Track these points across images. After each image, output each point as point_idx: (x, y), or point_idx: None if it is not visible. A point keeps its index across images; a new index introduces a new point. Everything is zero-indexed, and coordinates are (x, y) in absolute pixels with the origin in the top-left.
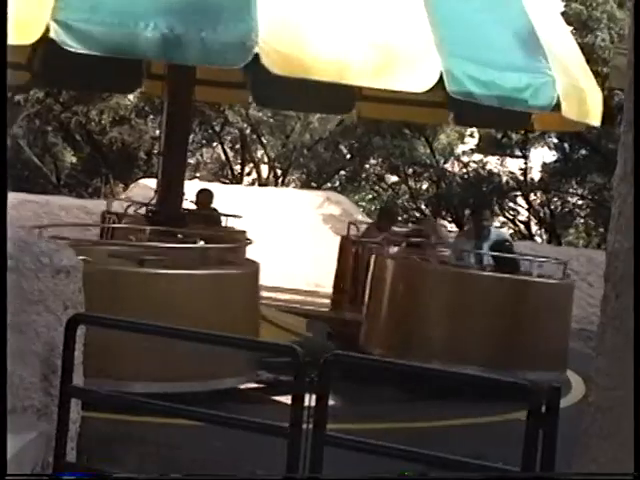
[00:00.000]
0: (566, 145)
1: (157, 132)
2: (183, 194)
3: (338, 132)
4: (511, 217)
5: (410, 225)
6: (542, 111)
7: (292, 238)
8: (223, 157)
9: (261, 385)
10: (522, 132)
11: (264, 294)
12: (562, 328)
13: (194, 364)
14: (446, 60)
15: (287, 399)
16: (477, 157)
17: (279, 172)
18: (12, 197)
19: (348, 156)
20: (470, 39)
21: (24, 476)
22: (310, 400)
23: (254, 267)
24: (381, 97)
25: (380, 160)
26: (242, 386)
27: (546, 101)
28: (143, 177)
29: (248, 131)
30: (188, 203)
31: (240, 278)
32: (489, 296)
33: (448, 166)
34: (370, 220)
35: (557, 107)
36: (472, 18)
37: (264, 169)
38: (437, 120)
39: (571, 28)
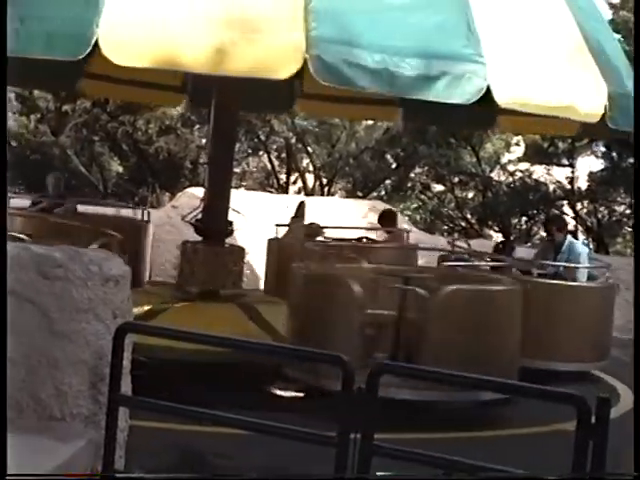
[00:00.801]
0: (614, 154)
1: (203, 141)
2: (229, 203)
3: (384, 141)
4: None
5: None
6: (465, 102)
7: None
8: (269, 166)
9: (307, 393)
10: (569, 141)
11: None
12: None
13: None
14: (316, 45)
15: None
16: (523, 166)
17: (325, 181)
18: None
19: (394, 165)
20: (371, 24)
21: (24, 476)
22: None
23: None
24: (324, 95)
25: (426, 169)
26: (288, 394)
27: (468, 92)
28: (189, 186)
29: (294, 140)
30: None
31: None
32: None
33: (494, 175)
34: (415, 229)
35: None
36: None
37: (310, 178)
38: (387, 118)
39: (619, 36)
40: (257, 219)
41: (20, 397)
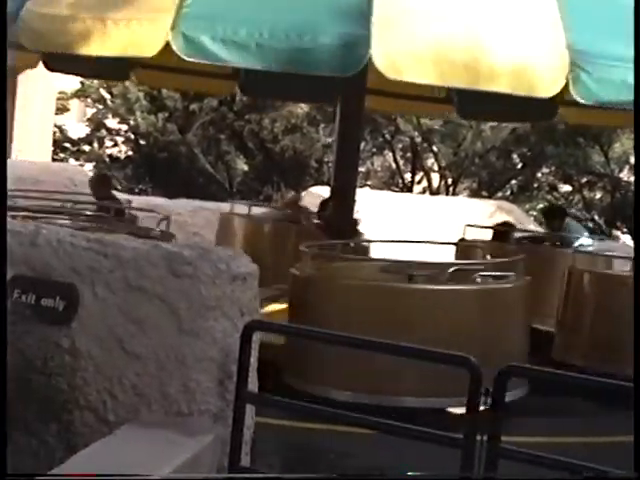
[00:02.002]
0: None
1: (328, 140)
2: (354, 202)
3: (510, 140)
4: None
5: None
6: (343, 74)
7: None
8: (394, 165)
9: None
10: None
11: None
12: None
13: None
14: (182, 22)
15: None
16: None
17: (450, 181)
18: (186, 204)
19: (520, 165)
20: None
21: (24, 476)
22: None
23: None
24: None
25: (553, 169)
26: None
27: (348, 63)
28: (314, 185)
29: (419, 139)
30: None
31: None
32: None
33: (623, 175)
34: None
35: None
36: None
37: (435, 178)
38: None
39: None
40: (381, 218)
41: (149, 392)
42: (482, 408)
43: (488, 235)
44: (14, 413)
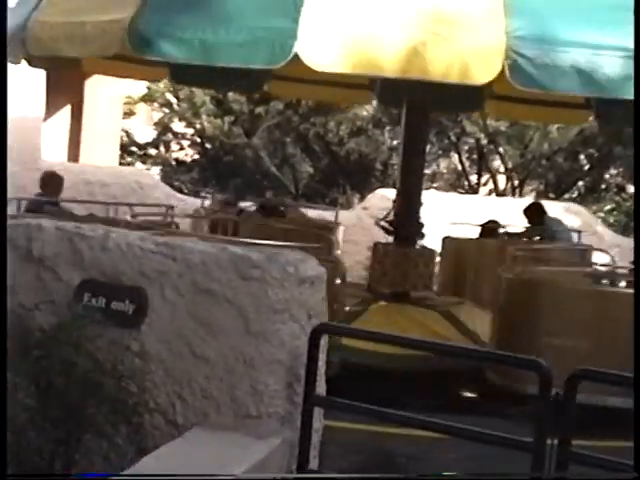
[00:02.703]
0: None
1: (394, 142)
2: (420, 204)
3: (578, 142)
4: None
5: None
6: (268, 65)
7: None
8: (459, 167)
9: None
10: None
11: None
12: None
13: None
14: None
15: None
16: None
17: (516, 182)
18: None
19: (587, 166)
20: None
21: (24, 476)
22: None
23: None
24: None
25: (621, 170)
26: (484, 398)
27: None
28: (380, 187)
29: (485, 141)
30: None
31: None
32: None
33: None
34: (611, 232)
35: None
36: None
37: (501, 179)
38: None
39: None
40: (447, 220)
41: (218, 395)
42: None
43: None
44: (84, 416)
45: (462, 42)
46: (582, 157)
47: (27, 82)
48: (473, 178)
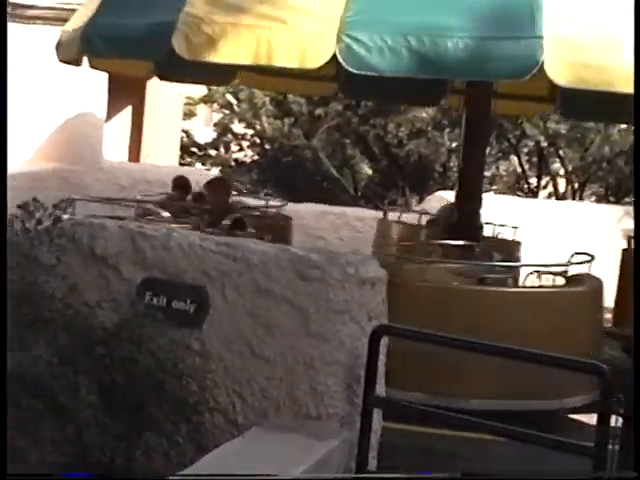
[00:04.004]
0: None
1: (453, 144)
2: (480, 206)
3: None
4: None
5: None
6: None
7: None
8: (519, 170)
9: None
10: None
11: None
12: None
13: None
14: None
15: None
16: None
17: (576, 185)
18: (312, 208)
19: None
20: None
21: (24, 476)
22: (616, 420)
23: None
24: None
25: None
26: None
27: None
28: (439, 189)
29: (545, 144)
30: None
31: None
32: None
33: None
34: None
35: None
36: None
37: (561, 182)
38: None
39: None
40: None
41: (277, 395)
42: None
43: None
44: (146, 413)
45: (300, 28)
46: None
47: (89, 83)
48: (533, 181)
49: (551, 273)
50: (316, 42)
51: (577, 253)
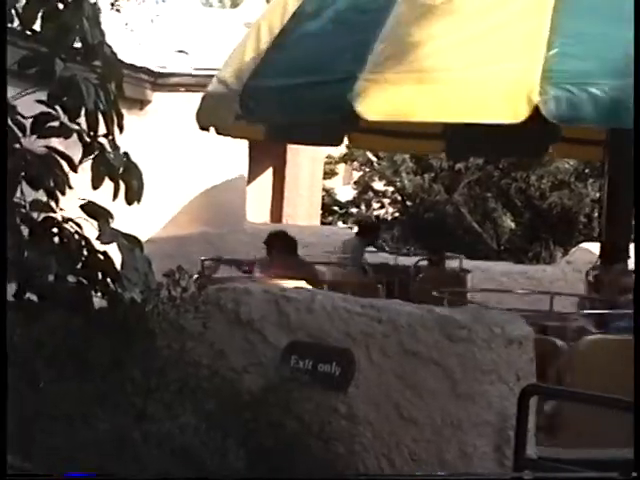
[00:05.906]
0: None
1: (597, 195)
2: (628, 257)
3: None
4: None
5: None
6: None
7: None
8: None
9: None
10: None
11: None
12: None
13: None
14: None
15: None
16: None
17: None
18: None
19: None
20: None
21: (24, 476)
22: None
23: None
24: None
25: None
26: None
27: None
28: (583, 241)
29: None
30: None
31: None
32: None
33: None
34: None
35: None
36: None
37: None
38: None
39: None
40: None
41: (426, 458)
42: None
43: None
44: (292, 478)
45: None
46: None
47: (231, 147)
48: None
49: None
50: (520, 93)
51: None
